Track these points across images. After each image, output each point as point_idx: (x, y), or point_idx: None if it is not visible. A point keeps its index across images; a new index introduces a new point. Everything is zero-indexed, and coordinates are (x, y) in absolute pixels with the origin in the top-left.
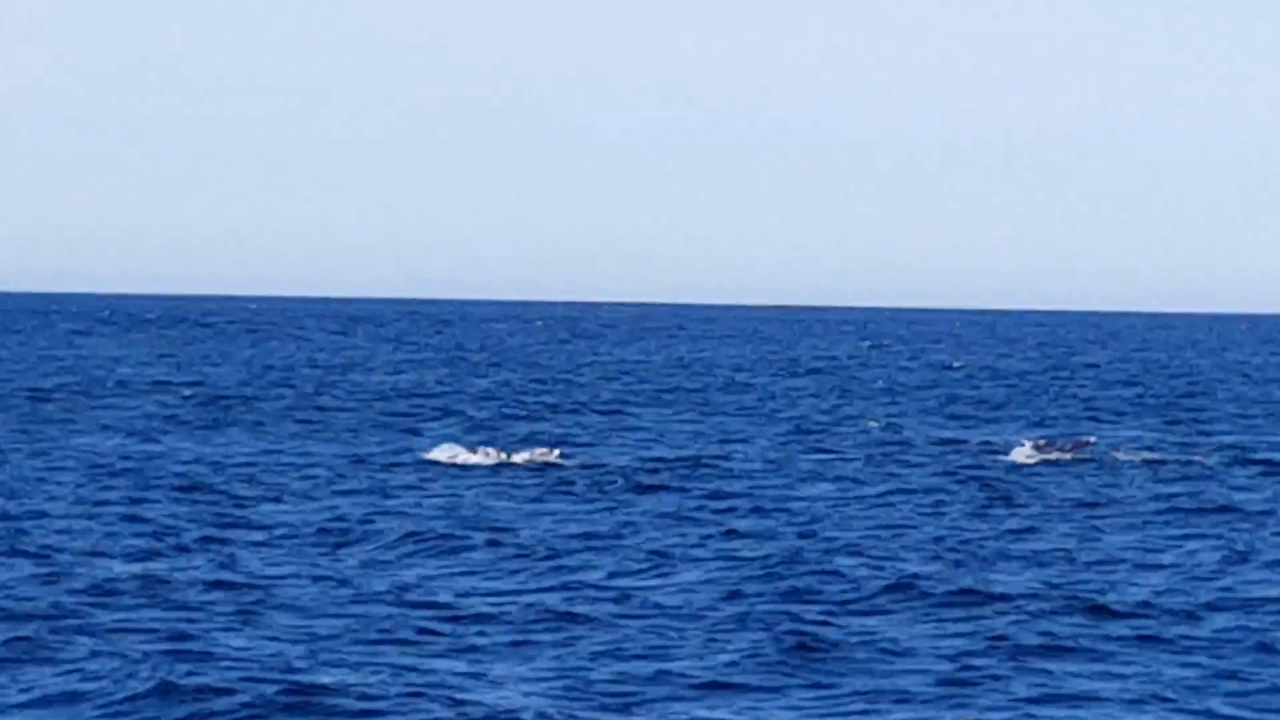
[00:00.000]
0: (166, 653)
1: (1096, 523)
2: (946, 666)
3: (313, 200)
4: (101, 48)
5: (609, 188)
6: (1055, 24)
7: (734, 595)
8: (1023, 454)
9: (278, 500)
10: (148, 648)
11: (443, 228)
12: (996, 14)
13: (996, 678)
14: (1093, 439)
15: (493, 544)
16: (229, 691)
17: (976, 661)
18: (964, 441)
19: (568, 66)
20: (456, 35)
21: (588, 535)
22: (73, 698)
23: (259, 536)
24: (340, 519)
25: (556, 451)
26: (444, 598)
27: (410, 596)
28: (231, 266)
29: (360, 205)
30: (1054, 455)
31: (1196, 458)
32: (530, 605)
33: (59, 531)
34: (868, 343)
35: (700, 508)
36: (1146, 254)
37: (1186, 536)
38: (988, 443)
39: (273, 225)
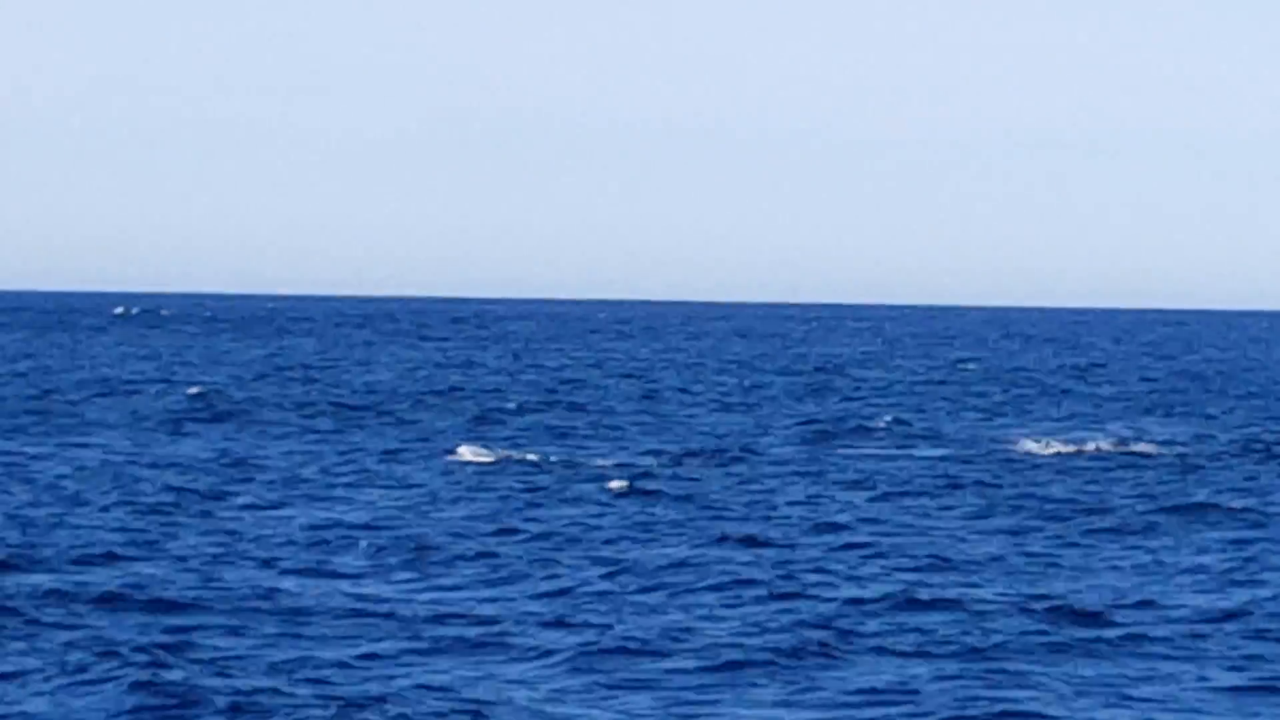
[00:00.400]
0: (158, 653)
1: (1105, 522)
2: (927, 671)
3: (328, 199)
4: (123, 48)
5: (624, 188)
6: (1066, 22)
7: (734, 598)
8: (1034, 450)
9: (281, 501)
10: (140, 650)
11: (455, 227)
12: (1007, 13)
13: (986, 677)
14: (1101, 440)
15: (499, 543)
16: (216, 692)
17: (969, 665)
18: (976, 439)
19: (580, 70)
20: (461, 39)
21: (593, 536)
22: (62, 696)
23: (261, 538)
24: (344, 520)
25: (566, 449)
26: (446, 599)
27: (414, 598)
28: (247, 264)
29: (375, 204)
30: (1068, 451)
31: (1212, 452)
32: (531, 607)
33: (58, 530)
34: (880, 339)
35: (705, 507)
36: (1164, 250)
37: (1194, 537)
38: (998, 440)
39: (290, 224)
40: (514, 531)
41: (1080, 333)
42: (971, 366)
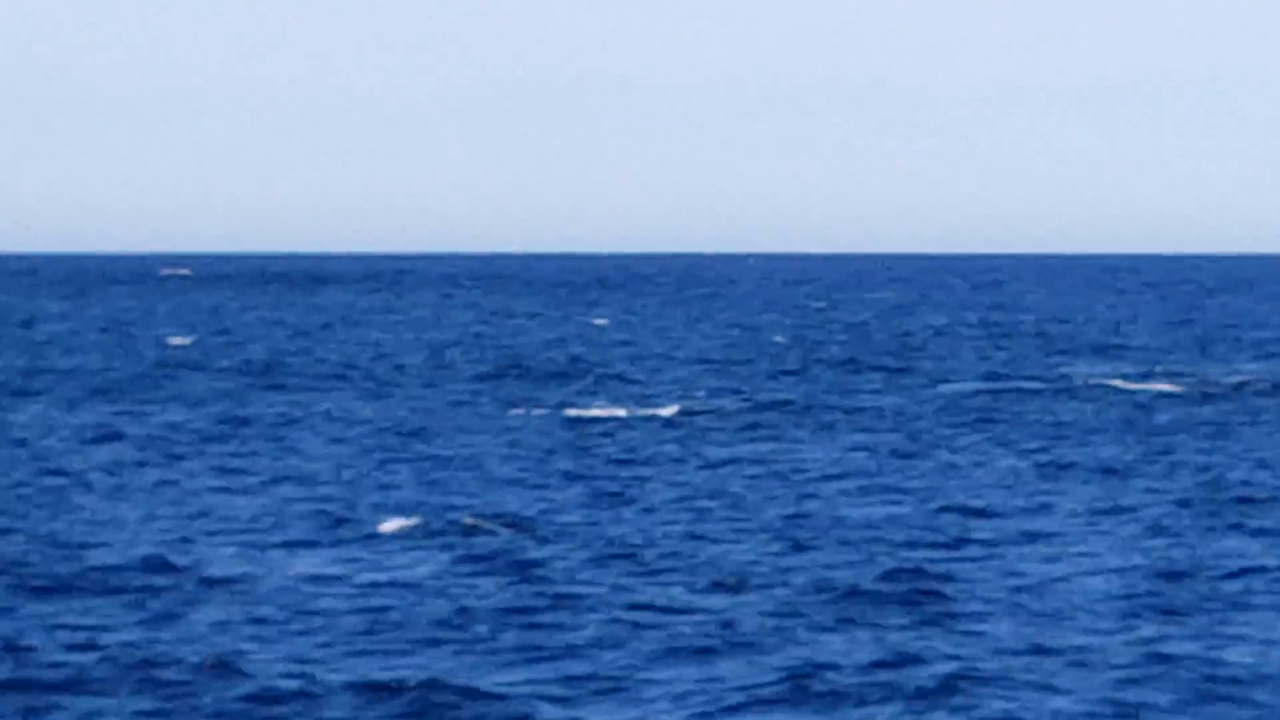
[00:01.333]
0: (99, 633)
1: (1130, 486)
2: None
3: (372, 161)
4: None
5: (675, 147)
6: None
7: (742, 574)
8: (1072, 383)
9: (300, 470)
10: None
11: (494, 186)
12: None
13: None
14: (1138, 378)
15: (523, 507)
16: (193, 679)
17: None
18: (1006, 379)
19: (646, 30)
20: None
21: (625, 500)
22: (59, 685)
23: (259, 512)
24: (376, 487)
25: (607, 406)
26: (418, 576)
27: (373, 575)
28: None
29: (410, 166)
30: (1106, 385)
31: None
32: (535, 588)
33: (69, 517)
34: (915, 288)
35: (713, 471)
36: (1212, 196)
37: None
38: (1032, 379)
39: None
40: (544, 497)
41: (1118, 278)
42: (999, 316)
